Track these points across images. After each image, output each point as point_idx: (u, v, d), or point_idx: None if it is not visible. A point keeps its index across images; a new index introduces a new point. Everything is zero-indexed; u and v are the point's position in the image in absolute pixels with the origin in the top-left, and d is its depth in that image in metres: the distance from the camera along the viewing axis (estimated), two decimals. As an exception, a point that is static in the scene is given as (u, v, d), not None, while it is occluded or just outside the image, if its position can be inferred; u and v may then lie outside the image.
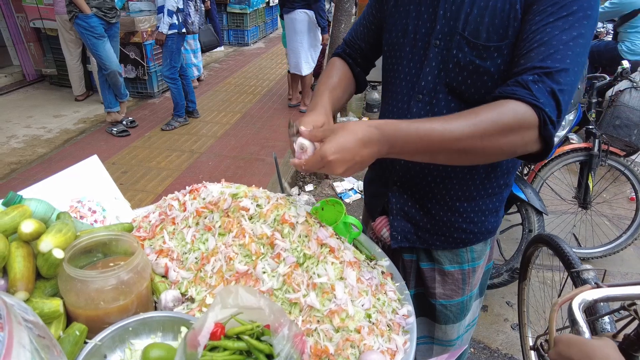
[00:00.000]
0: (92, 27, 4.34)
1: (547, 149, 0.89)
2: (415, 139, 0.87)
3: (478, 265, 1.26)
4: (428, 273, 1.25)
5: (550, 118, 0.85)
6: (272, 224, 1.06)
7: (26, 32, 5.95)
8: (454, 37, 1.00)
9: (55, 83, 6.22)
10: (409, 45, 1.10)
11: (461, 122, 0.86)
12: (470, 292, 1.28)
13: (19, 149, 4.46)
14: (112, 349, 0.94)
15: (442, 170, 1.12)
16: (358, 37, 1.29)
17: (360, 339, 0.89)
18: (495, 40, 0.96)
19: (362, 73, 1.32)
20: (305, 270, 0.98)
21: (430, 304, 1.27)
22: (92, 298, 0.94)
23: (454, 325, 1.29)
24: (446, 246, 1.21)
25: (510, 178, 1.19)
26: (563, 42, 0.86)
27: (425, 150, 0.89)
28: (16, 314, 0.65)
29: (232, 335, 0.72)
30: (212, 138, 4.87)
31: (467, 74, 1.01)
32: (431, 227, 1.19)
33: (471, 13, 0.98)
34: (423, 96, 1.08)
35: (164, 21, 4.49)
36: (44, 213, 1.10)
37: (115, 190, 1.32)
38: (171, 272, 1.07)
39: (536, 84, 0.85)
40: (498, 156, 0.92)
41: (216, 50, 8.81)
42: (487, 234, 1.22)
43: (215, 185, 1.18)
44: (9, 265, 0.91)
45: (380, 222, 1.27)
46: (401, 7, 1.11)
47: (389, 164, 1.20)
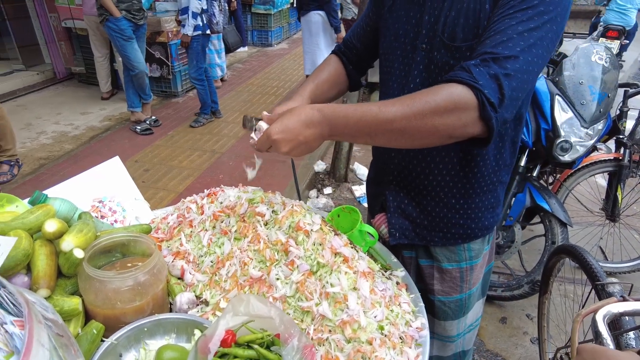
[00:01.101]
0: (122, 30, 4.46)
1: (490, 132, 0.89)
2: (353, 121, 0.91)
3: (476, 264, 1.28)
4: (427, 270, 1.28)
5: (489, 100, 0.86)
6: (287, 231, 1.06)
7: (58, 31, 6.14)
8: (435, 39, 1.05)
9: (84, 81, 6.39)
10: (399, 49, 1.15)
11: (396, 104, 0.89)
12: (469, 290, 1.30)
13: (47, 145, 4.60)
14: (128, 349, 0.96)
15: (435, 168, 1.15)
16: (355, 37, 1.35)
17: (371, 351, 0.88)
18: (470, 39, 1.00)
19: (354, 71, 1.37)
20: (318, 278, 0.97)
21: (429, 300, 1.30)
22: (110, 298, 0.96)
23: (452, 322, 1.33)
24: (444, 242, 1.24)
25: (503, 175, 1.21)
26: (517, 32, 0.88)
27: (364, 132, 0.92)
28: (37, 312, 0.67)
29: (243, 343, 0.72)
30: (234, 138, 4.92)
31: (444, 74, 1.03)
32: (428, 223, 1.23)
33: (449, 16, 1.02)
34: None
35: (188, 23, 4.57)
36: (66, 212, 1.13)
37: (135, 191, 1.35)
38: (187, 275, 1.08)
39: (477, 67, 0.87)
40: (436, 136, 0.91)
41: (240, 51, 8.91)
42: (485, 230, 1.25)
43: (232, 190, 1.19)
44: (32, 263, 0.94)
45: (379, 219, 1.31)
46: (394, 13, 1.16)
47: (385, 164, 1.25)
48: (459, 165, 1.14)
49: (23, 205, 1.11)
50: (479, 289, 1.36)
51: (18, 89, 5.86)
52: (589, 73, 2.25)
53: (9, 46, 6.33)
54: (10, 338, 0.64)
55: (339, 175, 4.10)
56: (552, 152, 2.35)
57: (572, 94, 2.29)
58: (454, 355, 1.41)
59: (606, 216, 3.03)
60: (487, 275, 1.39)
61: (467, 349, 1.44)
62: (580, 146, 2.35)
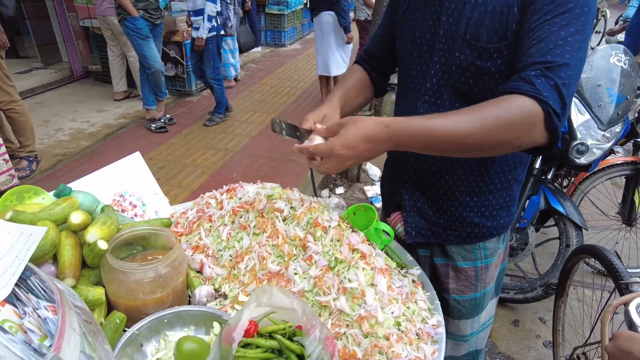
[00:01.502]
0: (139, 29, 4.53)
1: (554, 141, 0.91)
2: (423, 137, 0.90)
3: (491, 263, 1.29)
4: (442, 269, 1.29)
5: (554, 110, 0.87)
6: (305, 227, 1.08)
7: (76, 30, 6.25)
8: (456, 40, 1.06)
9: (100, 79, 6.50)
10: (416, 50, 1.16)
11: (468, 119, 0.89)
12: (484, 289, 1.31)
13: (64, 141, 4.68)
14: (148, 339, 0.98)
15: (451, 168, 1.16)
16: (374, 46, 1.38)
17: (388, 346, 0.89)
18: (495, 42, 1.01)
19: (378, 78, 1.39)
20: (336, 274, 0.99)
21: (444, 298, 1.30)
22: (132, 289, 0.98)
23: (467, 320, 1.33)
24: (460, 241, 1.24)
25: (518, 173, 1.22)
26: (561, 37, 0.89)
27: (432, 147, 0.92)
28: (67, 299, 0.69)
29: (265, 334, 0.74)
30: (247, 137, 4.96)
31: (470, 74, 1.06)
32: (444, 222, 1.24)
33: (472, 17, 1.03)
34: (429, 97, 1.14)
35: (203, 26, 4.63)
36: (89, 205, 1.16)
37: (155, 186, 1.37)
38: (206, 268, 1.10)
39: (539, 79, 0.88)
40: (505, 149, 0.94)
41: (253, 51, 8.96)
42: (500, 229, 1.25)
43: (251, 186, 1.21)
44: (59, 253, 0.97)
45: (395, 218, 1.32)
46: (409, 16, 1.17)
47: (401, 163, 1.26)
48: (476, 163, 1.15)
49: (49, 197, 1.14)
50: (493, 288, 1.37)
51: (37, 87, 5.97)
52: (607, 75, 2.23)
53: (28, 45, 6.46)
54: (44, 322, 0.67)
55: (351, 175, 4.11)
56: (567, 154, 2.34)
57: (589, 95, 2.27)
58: (467, 354, 1.42)
59: (622, 220, 3.00)
60: (501, 274, 1.40)
61: (480, 348, 1.45)
62: (596, 149, 2.33)
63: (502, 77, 1.03)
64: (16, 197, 1.08)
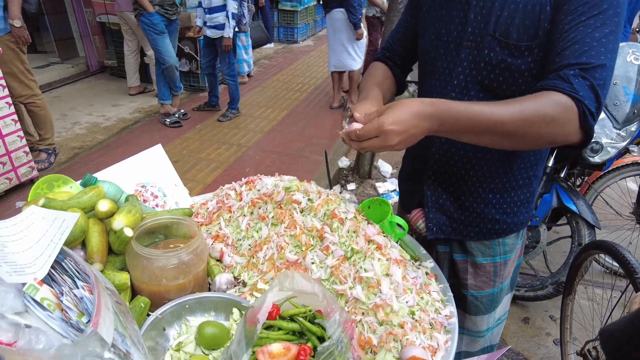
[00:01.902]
0: (154, 24, 4.59)
1: (587, 140, 0.93)
2: (465, 119, 0.92)
3: (509, 258, 1.31)
4: (461, 265, 1.31)
5: (589, 110, 0.89)
6: (322, 218, 1.11)
7: (92, 25, 6.34)
8: (485, 38, 1.06)
9: (115, 74, 6.59)
10: (442, 47, 1.16)
11: (507, 108, 0.91)
12: (501, 285, 1.33)
13: (81, 135, 4.77)
14: (170, 323, 1.02)
15: (476, 164, 1.18)
16: (395, 42, 1.38)
17: (403, 334, 0.92)
18: (525, 40, 1.01)
19: (401, 75, 1.40)
20: (352, 264, 1.02)
21: (462, 294, 1.32)
22: (156, 275, 1.02)
23: (483, 316, 1.35)
24: (480, 237, 1.26)
25: (538, 170, 1.24)
26: (596, 39, 0.91)
27: (472, 130, 0.94)
28: (101, 281, 0.74)
29: (286, 317, 0.77)
30: (259, 133, 5.00)
31: (499, 71, 1.06)
32: (465, 218, 1.25)
33: (502, 15, 1.03)
34: (455, 94, 1.15)
35: (229, 26, 4.68)
36: (114, 195, 1.20)
37: (175, 177, 1.42)
38: (226, 257, 1.14)
39: (576, 78, 0.90)
40: (539, 143, 0.96)
41: (266, 47, 9.00)
42: (520, 225, 1.27)
43: (269, 178, 1.25)
44: (87, 239, 1.01)
45: (416, 214, 1.33)
46: (433, 13, 1.18)
47: (425, 159, 1.27)
48: (500, 160, 1.16)
49: (76, 186, 1.19)
50: (509, 283, 1.38)
51: (54, 81, 6.08)
52: (624, 73, 2.22)
53: (46, 40, 6.57)
54: (80, 301, 0.71)
55: (363, 171, 4.13)
56: (581, 152, 2.33)
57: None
58: (482, 350, 1.43)
59: (636, 221, 2.97)
60: (517, 269, 1.41)
61: (495, 343, 1.46)
62: (611, 148, 2.32)
63: (532, 75, 1.04)
64: (47, 186, 1.13)
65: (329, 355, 0.67)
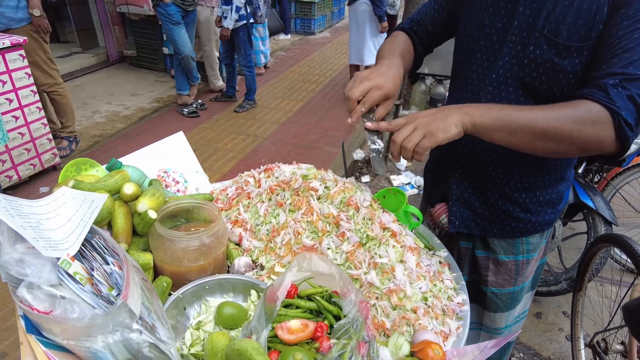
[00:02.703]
0: (170, 15, 4.64)
1: (623, 151, 0.91)
2: (500, 117, 0.92)
3: (532, 258, 1.29)
4: (482, 261, 1.30)
5: (626, 121, 0.86)
6: (338, 205, 1.13)
7: (113, 16, 6.43)
8: (533, 33, 1.01)
9: (134, 64, 6.69)
10: (483, 39, 1.11)
11: (540, 110, 0.91)
12: (522, 284, 1.31)
13: (101, 123, 4.88)
14: (191, 303, 1.06)
15: (504, 161, 1.16)
16: (427, 19, 1.30)
17: (415, 319, 0.95)
18: (576, 40, 0.96)
19: (422, 52, 1.33)
20: (367, 250, 1.04)
21: (482, 291, 1.32)
22: (178, 256, 1.06)
23: (502, 314, 1.34)
24: (503, 235, 1.25)
25: (567, 172, 1.21)
26: None
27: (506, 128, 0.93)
28: (129, 258, 0.78)
29: (304, 296, 0.80)
30: (275, 124, 5.04)
31: (543, 70, 1.02)
32: (489, 214, 1.24)
33: (553, 11, 0.98)
34: (493, 88, 1.11)
35: (230, 17, 4.71)
36: (137, 179, 1.25)
37: (196, 164, 1.45)
38: (244, 241, 1.17)
39: (615, 88, 0.87)
40: (572, 147, 0.93)
41: (282, 39, 9.02)
42: (545, 226, 1.24)
43: (287, 166, 1.28)
44: (113, 221, 1.06)
45: (439, 209, 1.33)
46: (478, 1, 1.12)
47: (453, 152, 1.24)
48: (528, 158, 1.13)
49: (102, 170, 1.23)
50: (530, 282, 1.36)
51: (75, 70, 6.20)
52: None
53: (68, 30, 6.70)
54: (109, 276, 0.75)
55: (378, 164, 4.13)
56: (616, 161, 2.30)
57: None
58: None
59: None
60: (540, 268, 1.39)
61: (512, 340, 1.47)
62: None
63: (576, 78, 1.00)
64: (75, 168, 1.18)
65: (345, 333, 0.70)
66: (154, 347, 0.75)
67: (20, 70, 3.25)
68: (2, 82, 3.14)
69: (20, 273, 0.71)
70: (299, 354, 0.66)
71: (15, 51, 3.18)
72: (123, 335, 0.70)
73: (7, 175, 3.32)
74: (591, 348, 1.79)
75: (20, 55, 3.23)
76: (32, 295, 0.70)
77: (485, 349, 0.88)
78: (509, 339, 0.91)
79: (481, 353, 0.87)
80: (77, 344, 0.69)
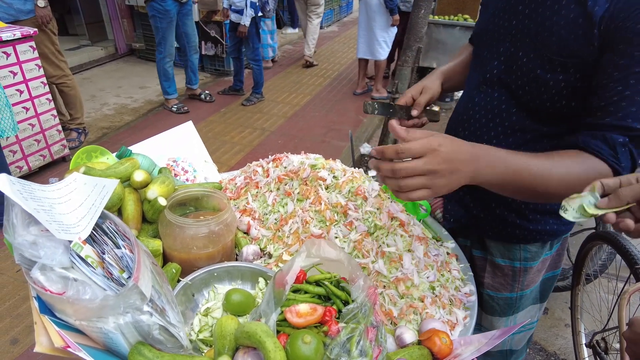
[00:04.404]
0: (167, 11, 4.44)
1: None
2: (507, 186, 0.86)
3: (531, 267, 1.22)
4: (479, 261, 1.26)
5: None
6: (346, 195, 1.14)
7: (121, 9, 6.45)
8: (524, 39, 0.97)
9: (143, 57, 6.71)
10: (489, 35, 1.08)
11: (553, 176, 0.84)
12: (521, 292, 1.25)
13: (109, 116, 4.91)
14: (199, 290, 1.07)
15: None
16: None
17: (423, 308, 0.95)
18: (560, 54, 0.90)
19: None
20: (375, 239, 1.05)
21: (479, 292, 1.26)
22: (187, 243, 1.07)
23: (500, 318, 1.29)
24: (499, 238, 1.20)
25: None
26: None
27: (509, 192, 0.88)
28: (139, 243, 0.78)
29: (312, 282, 0.81)
30: (282, 118, 5.04)
31: (527, 80, 0.97)
32: (484, 216, 1.19)
33: (549, 19, 0.92)
34: (485, 88, 1.08)
35: (246, 13, 4.67)
36: (147, 167, 1.26)
37: (205, 154, 1.46)
38: (252, 230, 1.18)
39: (623, 147, 0.84)
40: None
41: (290, 32, 9.00)
42: (546, 235, 1.17)
43: (296, 156, 1.28)
44: (123, 207, 1.07)
45: (435, 203, 1.31)
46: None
47: None
48: None
49: (112, 157, 1.24)
50: (536, 293, 1.31)
51: (84, 63, 6.24)
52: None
53: (77, 23, 6.74)
54: (120, 259, 0.76)
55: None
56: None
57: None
58: (500, 352, 1.39)
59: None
60: (549, 281, 1.33)
61: (516, 349, 1.40)
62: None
63: (560, 95, 0.94)
64: (86, 156, 1.19)
65: (353, 317, 0.70)
66: (164, 329, 0.76)
67: (31, 62, 3.28)
68: (13, 74, 3.16)
69: (33, 255, 0.72)
70: (307, 337, 0.66)
71: (26, 42, 3.21)
72: (134, 317, 0.71)
73: (18, 166, 3.35)
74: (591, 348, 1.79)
75: (31, 47, 3.26)
76: (46, 276, 0.71)
77: (492, 339, 0.88)
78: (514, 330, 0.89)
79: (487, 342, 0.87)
80: (89, 324, 0.70)
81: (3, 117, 2.79)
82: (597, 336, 1.78)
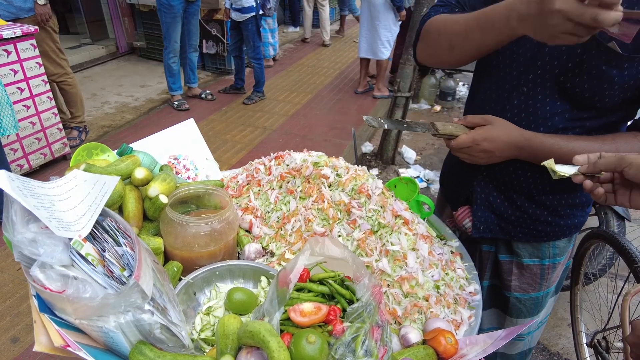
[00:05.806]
0: (172, 6, 4.46)
1: None
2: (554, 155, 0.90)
3: (559, 262, 1.23)
4: (506, 265, 1.25)
5: None
6: (349, 193, 1.12)
7: (122, 7, 6.44)
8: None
9: (144, 55, 6.70)
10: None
11: (602, 149, 0.86)
12: (547, 289, 1.26)
13: (110, 114, 4.90)
14: (201, 289, 1.06)
15: (531, 163, 1.08)
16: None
17: (427, 307, 0.94)
18: (630, 49, 0.87)
19: None
20: (379, 237, 1.03)
21: (504, 296, 1.27)
22: (188, 241, 1.06)
23: (525, 319, 1.28)
24: (529, 239, 1.19)
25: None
26: None
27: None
28: (140, 240, 0.77)
29: (316, 280, 0.80)
30: (284, 117, 5.03)
31: (587, 77, 0.94)
32: (515, 219, 1.18)
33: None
34: (528, 89, 1.03)
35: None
36: (148, 164, 1.25)
37: (207, 151, 1.45)
38: (255, 228, 1.17)
39: None
40: None
41: (291, 31, 8.98)
42: (573, 229, 1.19)
43: (298, 154, 1.27)
44: (124, 205, 1.06)
45: (462, 212, 1.26)
46: None
47: None
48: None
49: (113, 155, 1.23)
50: (555, 286, 1.32)
51: (85, 62, 6.23)
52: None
53: (78, 21, 6.72)
54: (121, 257, 0.75)
55: (387, 157, 4.12)
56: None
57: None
58: (519, 353, 1.39)
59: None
60: (565, 271, 1.34)
61: (533, 346, 1.41)
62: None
63: (621, 89, 0.92)
64: (86, 153, 1.18)
65: (358, 316, 0.69)
66: (166, 328, 0.75)
67: (32, 60, 3.27)
68: (14, 72, 3.15)
69: (33, 253, 0.71)
70: (312, 336, 0.65)
71: (27, 40, 3.19)
72: (135, 316, 0.70)
73: (19, 164, 3.34)
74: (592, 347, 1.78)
75: (32, 45, 3.24)
76: (45, 274, 0.70)
77: (497, 339, 0.87)
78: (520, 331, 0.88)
79: (493, 342, 0.86)
80: (89, 323, 0.69)
81: (4, 115, 2.78)
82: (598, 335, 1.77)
